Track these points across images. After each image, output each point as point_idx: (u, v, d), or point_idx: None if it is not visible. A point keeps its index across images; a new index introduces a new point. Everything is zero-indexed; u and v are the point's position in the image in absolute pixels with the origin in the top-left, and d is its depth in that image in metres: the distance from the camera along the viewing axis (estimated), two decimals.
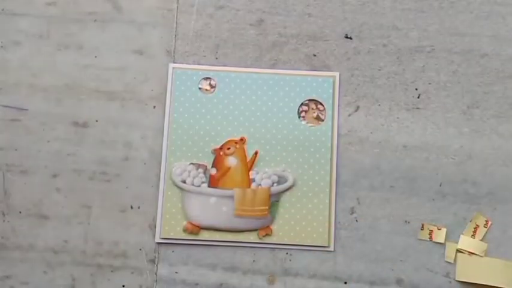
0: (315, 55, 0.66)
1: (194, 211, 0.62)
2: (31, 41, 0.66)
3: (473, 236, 0.63)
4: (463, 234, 0.63)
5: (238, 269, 0.63)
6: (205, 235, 0.62)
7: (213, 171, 0.63)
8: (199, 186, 0.63)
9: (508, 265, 0.62)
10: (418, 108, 0.65)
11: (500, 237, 0.63)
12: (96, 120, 0.64)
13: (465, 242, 0.63)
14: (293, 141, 0.64)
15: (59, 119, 0.64)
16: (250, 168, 0.63)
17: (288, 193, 0.63)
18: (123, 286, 0.62)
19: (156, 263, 0.62)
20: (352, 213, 0.63)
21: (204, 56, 0.66)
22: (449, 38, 0.66)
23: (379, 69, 0.66)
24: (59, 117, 0.64)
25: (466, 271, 0.62)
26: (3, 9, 0.66)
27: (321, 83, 0.65)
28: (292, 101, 0.65)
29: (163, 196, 0.63)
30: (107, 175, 0.64)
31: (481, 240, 0.63)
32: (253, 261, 0.63)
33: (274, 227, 0.63)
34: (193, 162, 0.63)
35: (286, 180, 0.63)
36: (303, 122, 0.64)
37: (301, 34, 0.66)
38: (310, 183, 0.63)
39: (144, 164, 0.64)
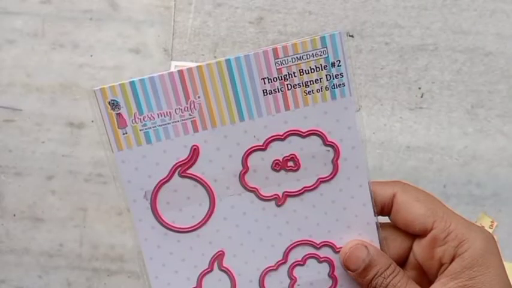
0: None
1: None
2: (25, 40, 0.65)
3: None
4: None
5: None
6: None
7: None
8: None
9: None
10: (421, 107, 0.65)
11: (506, 240, 0.63)
12: (92, 121, 0.64)
13: None
14: None
15: (54, 120, 0.64)
16: None
17: None
18: None
19: None
20: None
21: (202, 55, 0.65)
22: (452, 36, 0.66)
23: (382, 68, 0.65)
24: (54, 117, 0.64)
25: None
26: None
27: None
28: None
29: None
30: (103, 177, 0.63)
31: None
32: None
33: None
34: None
35: None
36: None
37: (302, 32, 0.65)
38: None
39: None
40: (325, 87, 0.36)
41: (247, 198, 0.36)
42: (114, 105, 0.35)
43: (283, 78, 0.35)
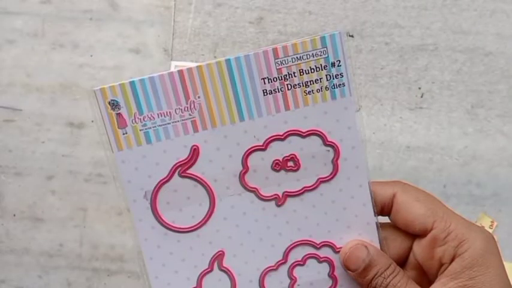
0: None
1: None
2: (25, 40, 0.65)
3: None
4: None
5: None
6: None
7: None
8: None
9: None
10: (421, 107, 0.64)
11: (506, 240, 0.62)
12: (92, 121, 0.64)
13: None
14: None
15: (54, 120, 0.64)
16: None
17: None
18: None
19: None
20: None
21: (202, 55, 0.65)
22: (452, 36, 0.66)
23: (382, 68, 0.65)
24: (54, 117, 0.64)
25: None
26: None
27: None
28: None
29: None
30: (103, 177, 0.63)
31: None
32: None
33: None
34: None
35: None
36: None
37: (302, 32, 0.65)
38: None
39: None
40: (325, 87, 0.36)
41: (247, 198, 0.36)
42: (114, 105, 0.35)
43: (283, 78, 0.35)
